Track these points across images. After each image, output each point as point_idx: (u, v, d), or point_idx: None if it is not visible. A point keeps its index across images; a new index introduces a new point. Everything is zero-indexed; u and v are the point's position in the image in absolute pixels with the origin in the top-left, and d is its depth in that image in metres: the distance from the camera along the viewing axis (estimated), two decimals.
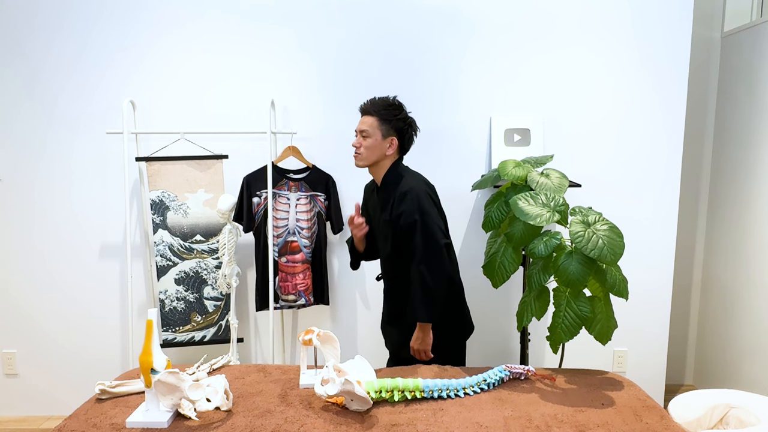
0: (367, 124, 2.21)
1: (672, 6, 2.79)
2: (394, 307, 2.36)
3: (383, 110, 2.22)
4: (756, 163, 2.89)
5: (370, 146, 2.22)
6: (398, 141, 2.24)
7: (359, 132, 2.23)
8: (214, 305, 2.79)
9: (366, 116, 2.23)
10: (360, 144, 2.22)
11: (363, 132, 2.22)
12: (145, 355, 1.69)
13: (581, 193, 2.84)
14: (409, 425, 1.70)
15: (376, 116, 2.21)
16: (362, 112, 2.26)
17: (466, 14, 2.82)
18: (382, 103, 2.23)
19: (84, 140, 2.89)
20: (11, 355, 3.03)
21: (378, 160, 2.25)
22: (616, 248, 2.02)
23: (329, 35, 2.84)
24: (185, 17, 2.82)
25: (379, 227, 2.32)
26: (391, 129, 2.22)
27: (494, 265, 2.40)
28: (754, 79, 2.91)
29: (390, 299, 2.39)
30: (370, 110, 2.23)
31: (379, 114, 2.21)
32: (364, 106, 2.26)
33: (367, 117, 2.23)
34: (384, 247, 2.32)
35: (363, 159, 2.24)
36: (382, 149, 2.23)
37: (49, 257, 2.96)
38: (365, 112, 2.25)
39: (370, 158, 2.24)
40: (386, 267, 2.38)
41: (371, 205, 2.40)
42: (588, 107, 2.87)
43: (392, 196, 2.22)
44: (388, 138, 2.23)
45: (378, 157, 2.24)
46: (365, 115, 2.24)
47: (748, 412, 1.94)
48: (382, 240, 2.32)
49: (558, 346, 2.15)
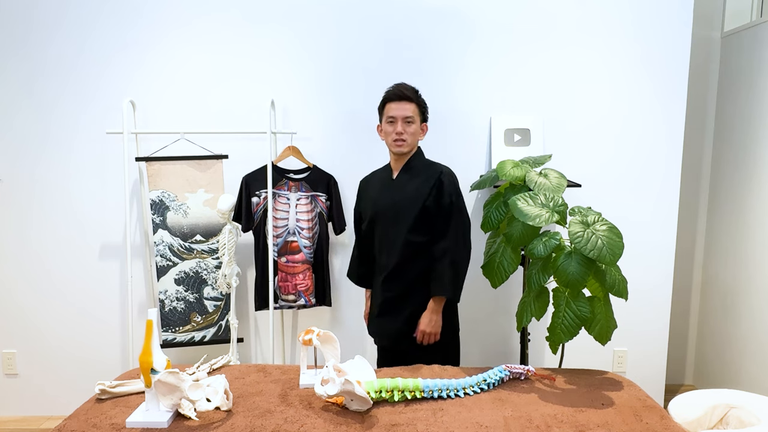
0: (410, 110, 2.24)
1: (672, 6, 2.79)
2: (392, 294, 2.31)
3: (420, 97, 2.29)
4: (756, 163, 2.89)
5: (414, 132, 2.27)
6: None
7: (402, 119, 2.23)
8: (214, 305, 2.79)
9: (406, 102, 2.24)
10: (404, 130, 2.23)
11: (408, 118, 2.23)
12: (145, 355, 1.69)
13: (581, 193, 2.84)
14: (409, 425, 1.71)
15: (415, 102, 2.26)
16: (399, 98, 2.25)
17: (466, 14, 2.82)
18: (415, 90, 2.29)
19: (84, 140, 2.89)
20: (11, 355, 3.03)
21: (415, 146, 2.31)
22: (615, 248, 2.02)
23: (329, 35, 2.84)
24: (186, 17, 2.82)
25: (390, 214, 2.30)
26: (423, 115, 2.32)
27: (493, 265, 2.40)
28: (754, 79, 2.91)
29: (387, 287, 2.32)
30: (411, 96, 2.26)
31: (417, 100, 2.27)
32: (404, 92, 2.25)
33: (407, 103, 2.24)
34: (394, 232, 2.28)
35: (409, 144, 2.27)
36: (419, 135, 2.31)
37: (49, 257, 2.96)
38: (405, 98, 2.24)
39: (413, 144, 2.29)
40: (389, 253, 2.31)
41: (375, 197, 2.37)
42: (588, 107, 2.87)
43: (425, 178, 2.26)
44: (422, 124, 2.31)
45: (416, 142, 2.31)
46: (404, 101, 2.24)
47: (748, 412, 1.94)
48: (392, 226, 2.29)
49: (557, 347, 2.16)
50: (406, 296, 2.30)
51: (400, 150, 2.27)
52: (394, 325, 2.32)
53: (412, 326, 2.30)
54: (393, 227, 2.29)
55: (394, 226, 2.29)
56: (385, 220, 2.32)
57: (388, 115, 2.26)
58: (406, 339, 2.30)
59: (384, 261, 2.34)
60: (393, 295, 2.32)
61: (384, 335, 2.39)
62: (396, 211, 2.29)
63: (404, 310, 2.30)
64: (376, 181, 2.43)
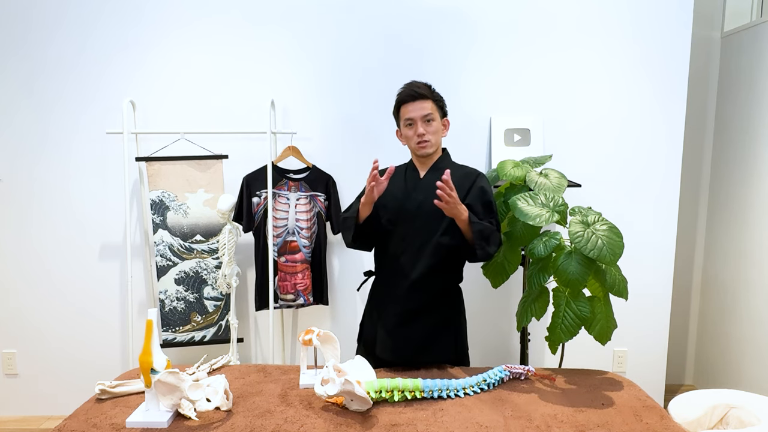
0: (429, 108, 2.09)
1: (672, 6, 2.79)
2: (421, 302, 2.13)
3: (434, 92, 2.14)
4: (756, 163, 2.89)
5: (436, 131, 2.12)
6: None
7: (421, 119, 2.08)
8: (214, 305, 2.79)
9: (421, 101, 2.09)
10: (426, 131, 2.09)
11: (427, 116, 2.08)
12: (145, 355, 1.69)
13: (581, 193, 2.84)
14: (409, 425, 1.70)
15: (431, 99, 2.11)
16: (414, 98, 2.09)
17: (467, 15, 2.82)
18: (428, 85, 2.14)
19: (84, 140, 2.89)
20: (11, 355, 3.03)
21: (439, 145, 2.18)
22: (615, 248, 2.02)
23: (329, 36, 2.84)
24: (186, 18, 2.82)
25: (420, 214, 2.12)
26: (442, 111, 2.16)
27: (494, 265, 2.40)
28: (754, 79, 2.91)
29: (410, 297, 2.12)
30: (426, 93, 2.10)
31: (433, 96, 2.12)
32: (417, 91, 2.09)
33: (423, 101, 2.09)
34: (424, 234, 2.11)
35: (433, 144, 2.12)
36: (441, 132, 2.16)
37: (49, 257, 2.97)
38: (420, 97, 2.09)
39: (437, 143, 2.14)
40: (416, 256, 2.12)
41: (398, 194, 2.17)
42: (588, 107, 2.87)
43: (460, 177, 2.12)
44: (443, 120, 2.16)
45: (440, 141, 2.17)
46: (420, 99, 2.09)
47: (748, 412, 1.94)
48: (422, 227, 2.11)
49: (557, 347, 2.15)
50: (429, 309, 2.14)
51: (425, 152, 2.12)
52: (420, 333, 2.13)
53: (430, 342, 2.14)
54: (422, 229, 2.12)
55: (424, 227, 2.11)
56: (412, 220, 2.13)
57: (405, 118, 2.11)
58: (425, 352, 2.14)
59: (408, 263, 2.13)
60: (422, 304, 2.14)
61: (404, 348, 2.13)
62: (427, 212, 2.09)
63: (425, 323, 2.13)
64: (398, 177, 2.20)
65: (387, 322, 2.17)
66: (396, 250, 2.16)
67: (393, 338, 2.15)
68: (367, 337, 2.30)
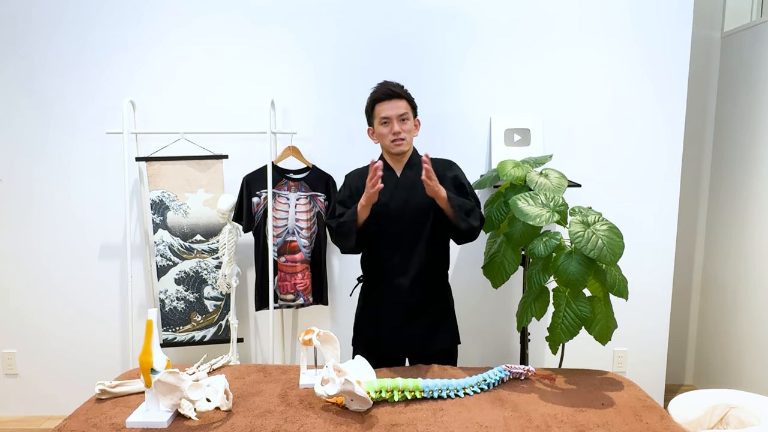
0: (404, 108, 2.15)
1: (672, 6, 2.79)
2: (422, 295, 2.21)
3: (407, 92, 2.20)
4: (756, 163, 2.89)
5: (410, 129, 2.19)
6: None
7: (397, 117, 2.13)
8: (214, 305, 2.79)
9: (397, 100, 2.14)
10: (401, 129, 2.14)
11: (403, 115, 2.14)
12: (145, 355, 1.69)
13: (581, 193, 2.84)
14: (409, 425, 1.70)
15: (406, 98, 2.17)
16: (390, 97, 2.14)
17: (466, 15, 2.82)
18: (401, 86, 2.20)
19: (84, 140, 2.89)
20: (11, 355, 3.03)
21: (411, 144, 2.24)
22: (615, 248, 2.02)
23: (329, 35, 2.84)
24: (186, 17, 2.82)
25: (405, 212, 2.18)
26: (414, 111, 2.23)
27: (494, 265, 2.40)
28: (754, 79, 2.91)
29: (414, 290, 2.19)
30: (401, 93, 2.16)
31: (407, 96, 2.18)
32: (393, 90, 2.15)
33: (398, 101, 2.14)
34: (413, 232, 2.18)
35: (408, 143, 2.19)
36: (414, 132, 2.23)
37: (49, 257, 2.96)
38: (395, 96, 2.14)
39: (411, 141, 2.22)
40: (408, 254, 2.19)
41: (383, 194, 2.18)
42: (588, 107, 2.87)
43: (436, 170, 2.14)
44: (415, 119, 2.23)
45: (412, 140, 2.24)
46: (395, 99, 2.14)
47: (748, 412, 1.94)
48: (411, 225, 2.18)
49: (557, 347, 2.16)
50: (431, 300, 2.24)
51: (400, 150, 2.16)
52: (426, 326, 2.22)
53: (435, 330, 2.24)
54: (412, 226, 2.18)
55: (413, 224, 2.18)
56: (400, 219, 2.18)
57: (381, 117, 2.15)
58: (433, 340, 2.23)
59: (404, 261, 2.19)
60: (423, 298, 2.22)
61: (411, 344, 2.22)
62: (414, 209, 2.17)
63: (429, 314, 2.22)
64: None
65: (390, 319, 2.22)
66: (387, 250, 2.21)
67: (400, 334, 2.21)
68: (367, 337, 2.32)
